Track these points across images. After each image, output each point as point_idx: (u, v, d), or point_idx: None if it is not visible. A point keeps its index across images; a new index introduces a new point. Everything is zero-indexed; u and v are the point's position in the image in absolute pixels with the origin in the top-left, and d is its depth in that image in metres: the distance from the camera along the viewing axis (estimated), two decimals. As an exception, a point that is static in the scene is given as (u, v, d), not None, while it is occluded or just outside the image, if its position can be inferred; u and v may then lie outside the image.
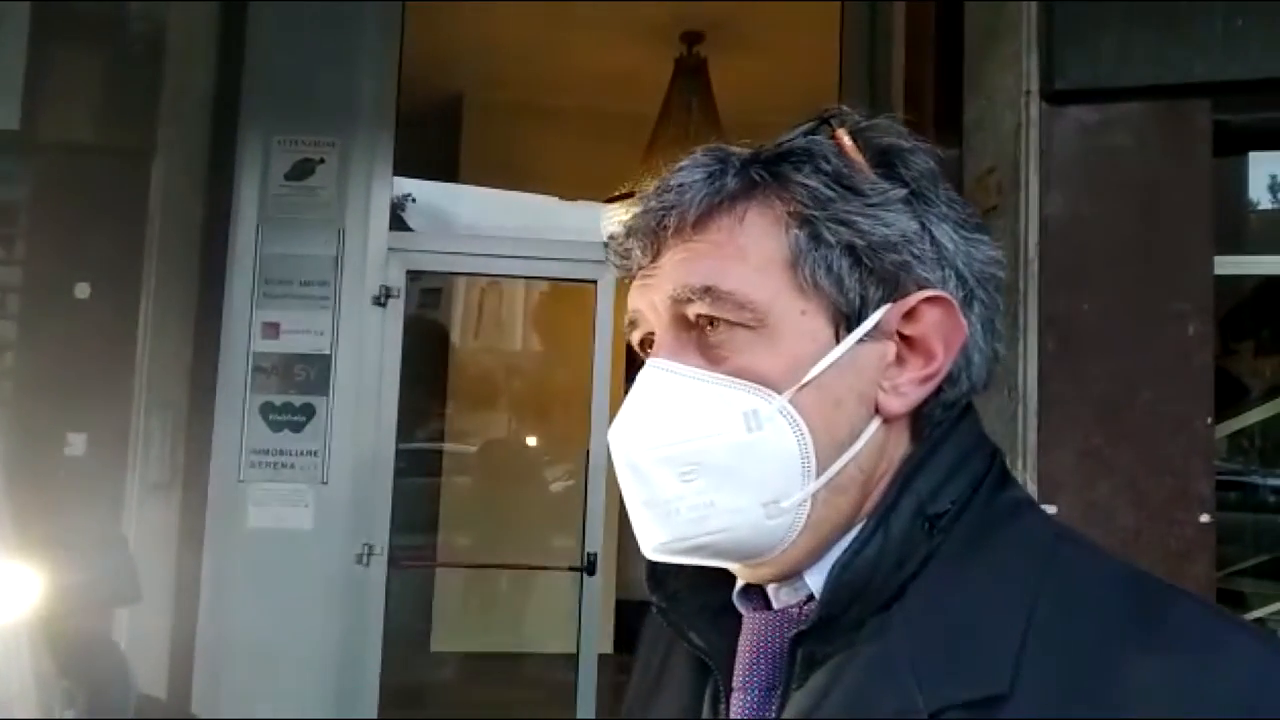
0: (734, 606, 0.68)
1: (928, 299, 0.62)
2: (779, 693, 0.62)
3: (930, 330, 0.62)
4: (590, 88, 5.01)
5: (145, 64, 2.80)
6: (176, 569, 3.02)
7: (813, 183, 0.62)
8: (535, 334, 6.52)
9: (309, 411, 3.15)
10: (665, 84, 4.52)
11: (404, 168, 3.54)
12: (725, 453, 0.60)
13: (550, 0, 4.07)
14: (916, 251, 0.63)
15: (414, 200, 4.94)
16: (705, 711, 0.67)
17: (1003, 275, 0.67)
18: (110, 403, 2.66)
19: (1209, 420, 1.99)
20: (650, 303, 0.66)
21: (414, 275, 3.51)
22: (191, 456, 3.07)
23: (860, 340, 0.61)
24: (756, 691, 0.64)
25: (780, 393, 0.60)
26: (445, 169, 5.40)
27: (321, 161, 3.21)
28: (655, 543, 0.63)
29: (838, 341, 0.61)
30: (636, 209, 0.67)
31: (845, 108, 0.67)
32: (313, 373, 3.16)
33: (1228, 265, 2.13)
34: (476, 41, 4.62)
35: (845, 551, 0.61)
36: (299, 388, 3.15)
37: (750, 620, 0.66)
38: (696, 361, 0.63)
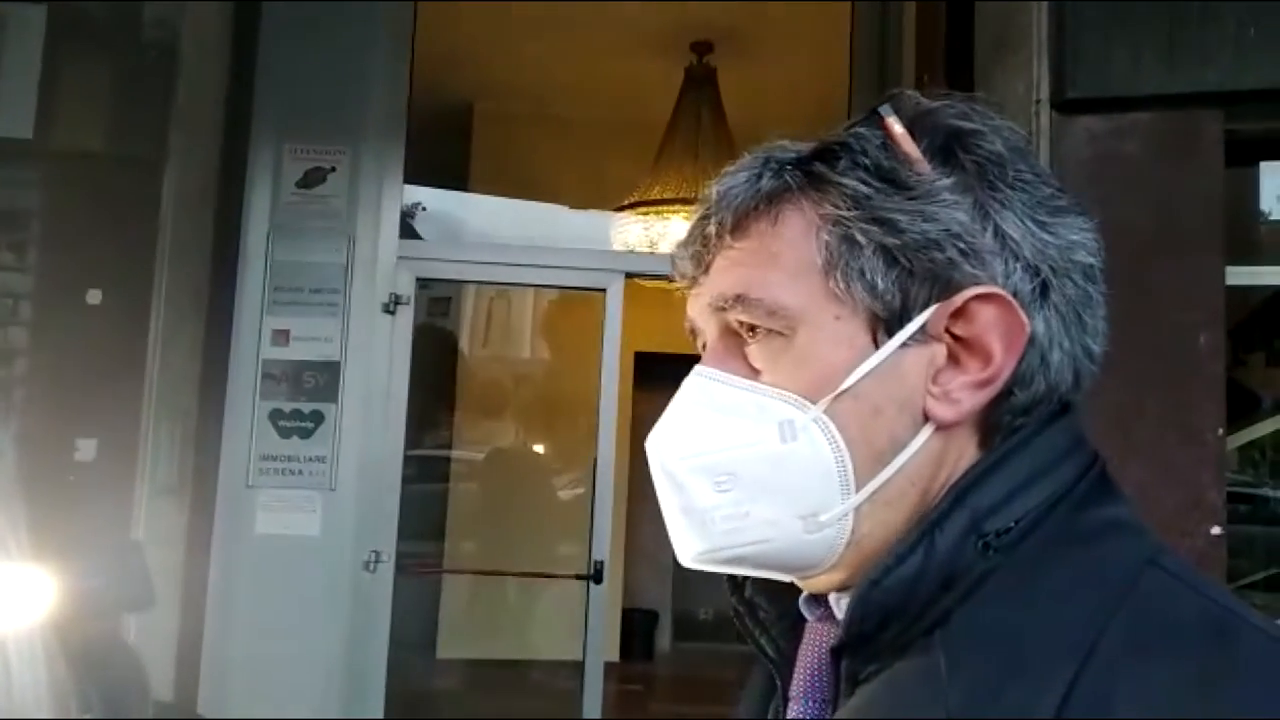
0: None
1: (979, 296, 0.57)
2: (833, 707, 0.61)
3: (985, 330, 0.57)
4: (600, 97, 5.03)
5: (157, 72, 2.82)
6: (184, 573, 3.03)
7: (848, 180, 0.59)
8: (543, 342, 6.53)
9: (318, 418, 3.15)
10: (675, 93, 4.53)
11: (414, 176, 3.55)
12: (760, 463, 0.59)
13: (560, 9, 4.08)
14: (968, 245, 0.58)
15: (424, 209, 4.95)
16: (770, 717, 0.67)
17: (1094, 260, 0.61)
18: (120, 408, 2.67)
19: (1220, 431, 1.98)
20: (700, 311, 0.65)
21: (423, 283, 3.51)
22: (200, 462, 3.08)
23: (903, 345, 0.58)
24: (814, 703, 0.62)
25: (815, 402, 0.58)
26: (455, 178, 5.42)
27: (332, 170, 3.23)
28: (692, 552, 0.62)
29: (877, 347, 0.58)
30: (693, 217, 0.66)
31: (911, 92, 0.63)
32: (322, 379, 3.16)
33: (1239, 276, 2.12)
34: (487, 51, 4.64)
35: (877, 567, 0.56)
36: (308, 394, 3.16)
37: (811, 628, 0.65)
38: (739, 369, 0.61)
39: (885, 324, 0.58)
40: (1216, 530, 1.94)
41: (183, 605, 3.02)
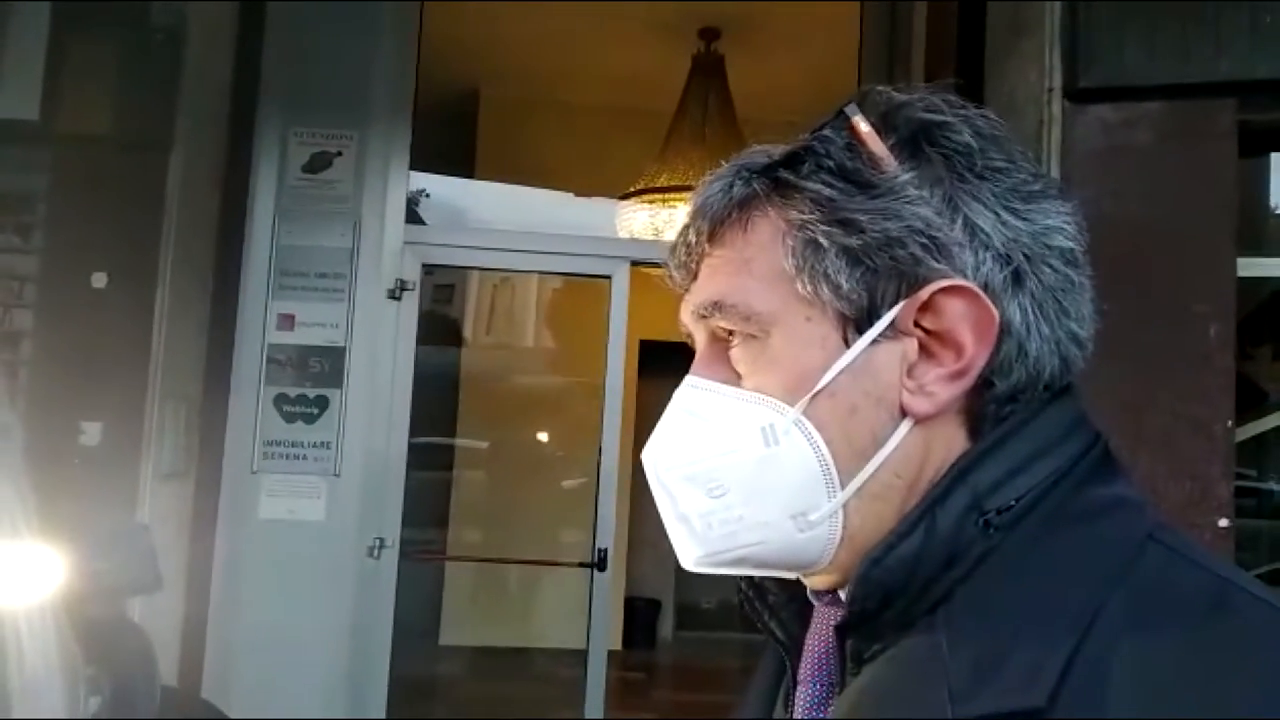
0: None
1: (945, 289, 0.58)
2: (840, 688, 0.61)
3: (955, 323, 0.58)
4: (606, 84, 5.01)
5: (164, 56, 2.80)
6: (189, 558, 3.03)
7: (811, 184, 0.60)
8: (548, 330, 6.53)
9: (323, 404, 3.15)
10: (682, 81, 4.51)
11: (420, 162, 3.54)
12: (747, 468, 0.60)
13: (568, -5, 4.06)
14: (932, 240, 0.58)
15: (428, 195, 4.95)
16: (779, 703, 0.68)
17: (1073, 245, 0.61)
18: (125, 392, 2.67)
19: (1230, 423, 1.97)
20: (689, 318, 0.66)
21: (429, 269, 3.51)
22: (205, 447, 3.08)
23: (874, 342, 0.59)
24: (821, 685, 0.63)
25: (792, 404, 0.59)
26: (461, 164, 5.41)
27: (338, 154, 3.22)
28: (693, 557, 0.63)
29: (848, 346, 0.59)
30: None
31: (881, 89, 0.64)
32: (327, 365, 3.16)
33: (1250, 267, 2.11)
34: (493, 37, 4.62)
35: (878, 545, 0.57)
36: (313, 380, 3.16)
37: (818, 613, 0.65)
38: (723, 374, 0.63)
39: (854, 323, 0.59)
40: (1225, 522, 1.93)
41: (187, 590, 3.02)
